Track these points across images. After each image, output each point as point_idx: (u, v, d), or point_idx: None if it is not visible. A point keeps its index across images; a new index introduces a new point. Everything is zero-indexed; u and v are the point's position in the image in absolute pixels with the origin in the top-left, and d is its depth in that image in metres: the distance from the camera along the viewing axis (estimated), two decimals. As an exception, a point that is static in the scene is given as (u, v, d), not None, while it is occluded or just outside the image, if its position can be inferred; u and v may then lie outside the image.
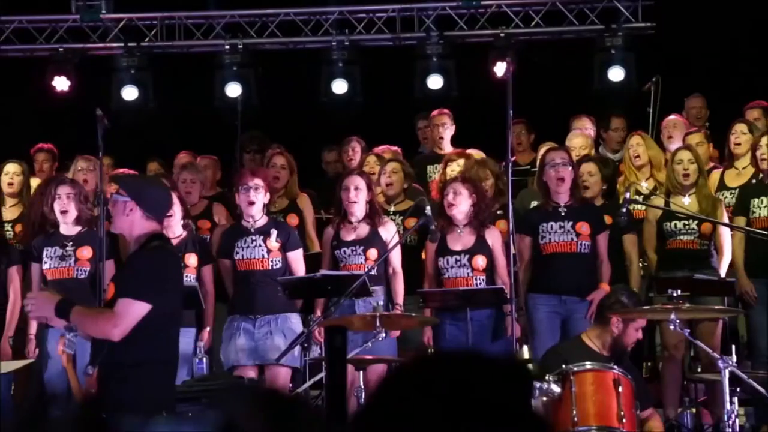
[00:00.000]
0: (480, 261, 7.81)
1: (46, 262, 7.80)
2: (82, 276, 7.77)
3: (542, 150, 8.81)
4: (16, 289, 7.95)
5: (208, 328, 7.81)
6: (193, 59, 11.97)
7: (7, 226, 8.75)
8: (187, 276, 7.78)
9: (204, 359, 7.56)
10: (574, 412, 6.10)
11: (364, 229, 7.93)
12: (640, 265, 8.46)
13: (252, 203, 7.79)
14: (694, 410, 8.02)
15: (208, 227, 8.55)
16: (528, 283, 7.94)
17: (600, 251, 7.93)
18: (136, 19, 11.81)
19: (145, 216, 5.21)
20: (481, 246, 7.84)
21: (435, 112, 10.03)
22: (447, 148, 9.75)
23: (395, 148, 9.86)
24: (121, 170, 8.66)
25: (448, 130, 9.88)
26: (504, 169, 8.40)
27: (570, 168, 8.01)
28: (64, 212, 7.83)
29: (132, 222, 5.21)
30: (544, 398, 6.10)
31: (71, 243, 7.83)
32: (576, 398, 6.12)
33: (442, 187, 8.13)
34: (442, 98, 11.25)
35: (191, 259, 7.82)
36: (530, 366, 7.38)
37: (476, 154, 9.25)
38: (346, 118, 11.50)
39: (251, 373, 7.51)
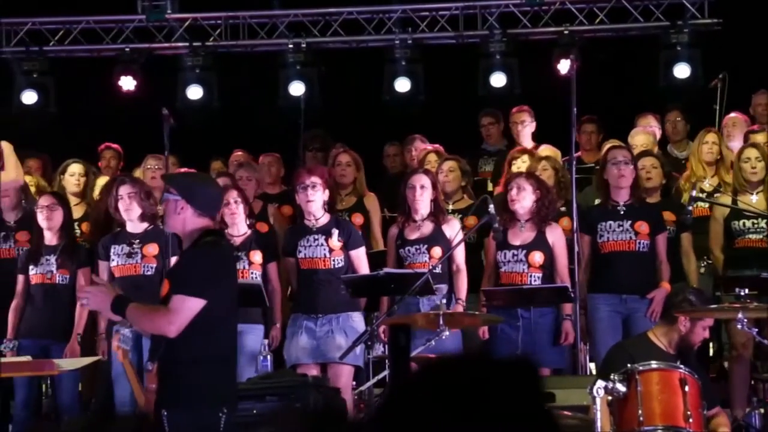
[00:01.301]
0: (537, 257, 7.77)
1: (113, 260, 7.88)
2: (149, 272, 7.84)
3: (605, 148, 8.76)
4: (82, 290, 8.02)
5: (277, 325, 7.84)
6: (257, 58, 12.04)
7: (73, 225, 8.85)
8: (252, 273, 7.84)
9: (269, 357, 7.59)
10: (640, 411, 6.04)
11: (428, 228, 7.92)
12: (706, 263, 8.38)
13: (310, 201, 7.80)
14: (762, 410, 7.91)
15: (266, 230, 8.56)
16: (587, 282, 7.89)
17: (659, 251, 7.88)
18: (200, 18, 11.90)
19: (197, 213, 5.22)
20: (539, 242, 7.80)
21: (515, 110, 9.98)
22: (527, 145, 9.67)
23: (437, 146, 9.78)
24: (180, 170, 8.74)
25: (527, 128, 9.82)
26: (568, 166, 8.36)
27: (631, 167, 7.96)
28: (127, 211, 7.91)
29: (184, 220, 5.23)
30: (609, 397, 6.05)
31: (138, 240, 7.90)
32: (642, 398, 6.06)
33: (507, 181, 8.10)
34: (505, 96, 11.21)
35: (256, 257, 7.87)
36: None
37: (548, 150, 9.22)
38: (409, 116, 11.50)
39: (313, 372, 7.51)
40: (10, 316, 8.00)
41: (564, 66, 10.75)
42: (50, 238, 8.09)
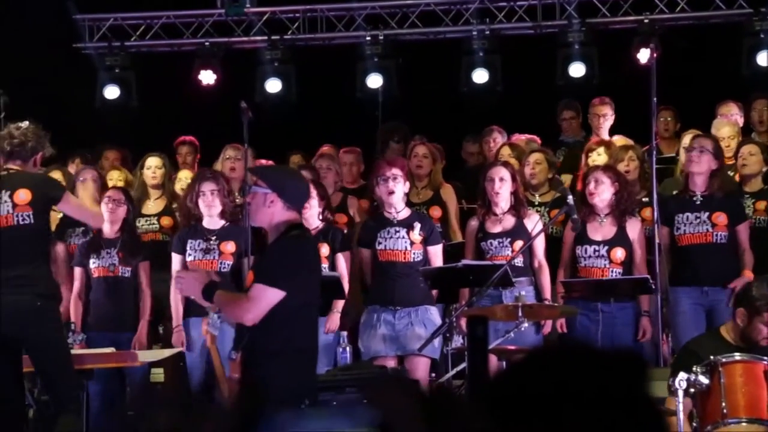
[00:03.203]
0: (619, 253, 7.71)
1: (189, 254, 7.93)
2: (225, 269, 7.88)
3: (685, 138, 8.66)
4: (145, 284, 8.13)
5: (337, 312, 7.77)
6: (334, 51, 12.08)
7: (153, 219, 8.95)
8: (319, 266, 7.83)
9: (347, 348, 7.61)
10: (723, 404, 5.96)
11: (509, 221, 7.88)
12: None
13: (392, 193, 7.80)
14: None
15: (345, 221, 8.58)
16: (668, 275, 7.80)
17: (741, 240, 7.77)
18: (279, 12, 11.98)
19: (286, 207, 5.26)
20: (621, 238, 7.74)
21: (596, 101, 9.87)
22: (605, 137, 9.57)
23: (533, 136, 9.76)
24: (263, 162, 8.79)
25: (608, 121, 9.73)
26: (647, 157, 8.28)
27: (708, 156, 7.82)
28: (209, 207, 7.97)
29: (273, 213, 5.26)
30: (692, 390, 5.98)
31: (215, 237, 7.95)
32: (725, 390, 5.97)
33: (585, 175, 8.04)
34: (584, 86, 11.12)
35: (323, 249, 7.85)
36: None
37: (623, 140, 9.13)
38: (487, 107, 11.46)
39: (391, 363, 7.52)
40: (72, 308, 8.10)
41: (644, 55, 10.65)
42: (109, 232, 8.17)
